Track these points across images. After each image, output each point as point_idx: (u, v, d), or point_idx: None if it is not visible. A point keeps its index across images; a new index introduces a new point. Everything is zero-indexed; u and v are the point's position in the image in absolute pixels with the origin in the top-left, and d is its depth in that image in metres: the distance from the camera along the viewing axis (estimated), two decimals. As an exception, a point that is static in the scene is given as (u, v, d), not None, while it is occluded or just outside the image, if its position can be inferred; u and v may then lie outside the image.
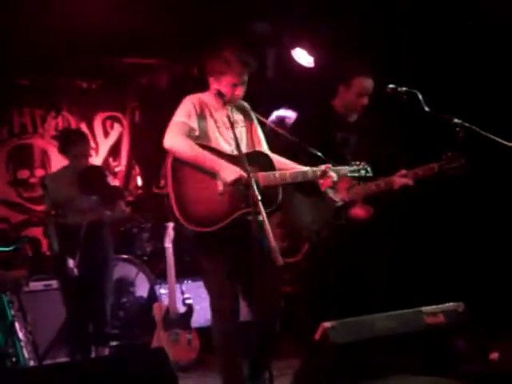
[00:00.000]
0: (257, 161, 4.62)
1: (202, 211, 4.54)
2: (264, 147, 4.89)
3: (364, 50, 6.39)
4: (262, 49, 7.83)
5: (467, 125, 4.44)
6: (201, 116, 4.70)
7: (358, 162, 4.90)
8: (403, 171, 5.29)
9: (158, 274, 7.59)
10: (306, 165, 4.80)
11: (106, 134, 9.16)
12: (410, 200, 6.05)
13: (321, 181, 4.74)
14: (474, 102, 6.00)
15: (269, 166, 4.66)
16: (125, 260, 7.47)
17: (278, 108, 6.39)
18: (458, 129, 4.47)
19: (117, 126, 9.21)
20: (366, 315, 4.00)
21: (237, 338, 4.71)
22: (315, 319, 3.95)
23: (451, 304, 4.18)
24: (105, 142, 9.10)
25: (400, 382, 3.77)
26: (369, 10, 6.67)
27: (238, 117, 4.84)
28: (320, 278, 5.47)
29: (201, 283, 5.08)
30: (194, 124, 4.64)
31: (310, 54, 7.35)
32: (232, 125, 4.64)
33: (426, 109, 4.56)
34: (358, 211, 5.34)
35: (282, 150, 4.93)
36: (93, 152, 8.73)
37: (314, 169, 4.73)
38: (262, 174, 4.57)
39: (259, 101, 5.22)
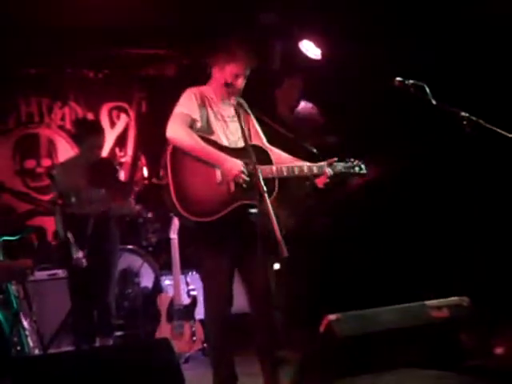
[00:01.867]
0: (255, 154, 4.58)
1: (200, 201, 4.60)
2: (263, 141, 4.97)
3: (372, 42, 6.39)
4: (268, 40, 7.82)
5: (474, 118, 4.42)
6: (202, 107, 4.76)
7: (352, 159, 4.91)
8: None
9: (162, 265, 7.60)
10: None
11: (113, 124, 9.16)
12: (416, 192, 6.08)
13: (318, 178, 4.80)
14: (479, 95, 5.98)
15: (266, 159, 4.72)
16: (130, 251, 7.47)
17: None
18: (465, 122, 4.45)
19: (123, 116, 9.21)
20: (371, 308, 4.01)
21: (229, 333, 4.78)
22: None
23: (456, 298, 4.18)
24: (111, 132, 9.09)
25: (404, 376, 3.77)
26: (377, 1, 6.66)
27: (235, 112, 4.83)
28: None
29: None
30: (196, 115, 4.70)
31: (318, 46, 7.32)
32: (239, 116, 4.69)
33: (434, 102, 4.54)
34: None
35: (281, 146, 5.00)
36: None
37: (311, 164, 4.79)
38: (260, 167, 4.54)
39: (264, 93, 5.23)
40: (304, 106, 6.36)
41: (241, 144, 4.75)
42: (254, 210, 4.66)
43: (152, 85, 9.14)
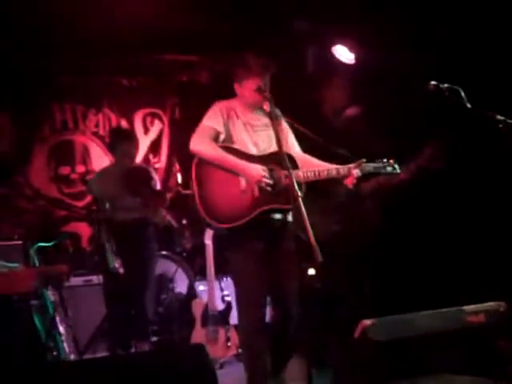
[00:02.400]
0: (279, 160, 4.71)
1: (224, 209, 4.74)
2: (295, 149, 5.09)
3: (405, 46, 6.36)
4: (301, 46, 7.81)
5: (510, 121, 4.38)
6: (227, 120, 4.91)
7: (384, 160, 4.93)
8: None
9: (197, 271, 7.62)
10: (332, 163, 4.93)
11: (147, 130, 9.20)
12: (453, 195, 6.04)
13: (346, 179, 4.86)
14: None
15: (291, 164, 4.72)
16: (164, 256, 7.50)
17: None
18: (501, 126, 4.41)
19: (157, 122, 9.26)
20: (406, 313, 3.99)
21: (263, 335, 4.85)
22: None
23: (493, 303, 4.14)
24: (145, 138, 9.14)
25: (440, 381, 3.74)
26: (409, 5, 6.62)
27: (267, 120, 4.98)
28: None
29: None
30: (220, 128, 4.87)
31: (351, 50, 7.30)
32: (273, 120, 4.79)
33: (468, 105, 4.51)
34: (384, 182, 5.46)
35: (311, 150, 5.10)
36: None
37: (338, 166, 4.86)
38: (284, 173, 4.70)
39: (298, 98, 5.25)
40: (354, 109, 6.36)
41: (270, 151, 4.90)
42: (278, 216, 4.85)
43: (185, 91, 9.18)
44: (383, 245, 5.48)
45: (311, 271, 6.81)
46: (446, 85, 4.64)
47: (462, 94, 4.53)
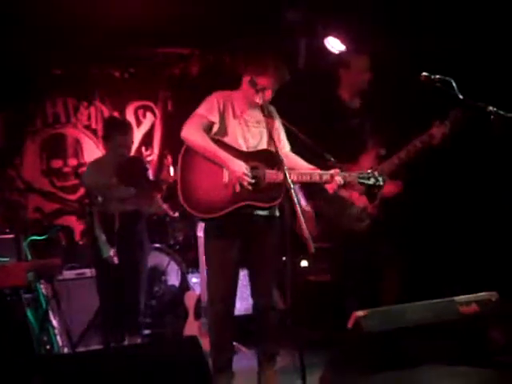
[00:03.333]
0: (266, 159, 4.87)
1: (204, 199, 4.85)
2: (285, 149, 5.17)
3: (397, 37, 6.37)
4: (294, 38, 7.80)
5: (502, 112, 4.38)
6: (223, 111, 4.97)
7: (369, 171, 4.93)
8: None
9: (189, 263, 7.62)
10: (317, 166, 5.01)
11: (139, 123, 9.19)
12: (443, 185, 6.05)
13: (327, 184, 4.90)
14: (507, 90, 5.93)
15: (277, 164, 4.78)
16: (157, 249, 7.49)
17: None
18: (492, 116, 4.42)
19: (149, 115, 9.25)
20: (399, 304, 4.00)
21: (229, 330, 5.02)
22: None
23: (485, 293, 4.15)
24: (137, 131, 9.11)
25: (433, 372, 3.75)
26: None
27: (262, 118, 5.02)
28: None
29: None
30: (214, 118, 4.93)
31: (343, 42, 7.29)
32: (267, 118, 4.91)
33: (460, 96, 4.51)
34: (389, 188, 5.43)
35: (299, 151, 5.18)
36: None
37: (321, 172, 4.89)
38: (268, 171, 4.82)
39: (290, 91, 5.23)
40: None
41: (259, 148, 5.00)
42: (262, 213, 4.93)
43: (177, 84, 9.16)
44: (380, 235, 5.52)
45: (304, 263, 6.84)
46: (437, 76, 4.64)
47: (454, 84, 4.53)
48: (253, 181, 4.79)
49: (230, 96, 5.05)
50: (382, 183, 4.87)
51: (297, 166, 4.99)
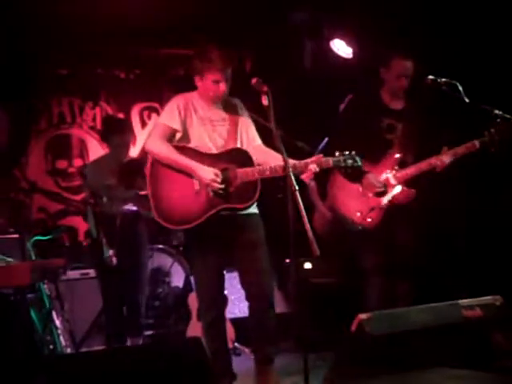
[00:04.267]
0: (236, 158, 4.78)
1: (178, 210, 4.77)
2: (255, 142, 5.04)
3: (404, 42, 6.35)
4: (300, 39, 7.81)
5: (508, 116, 4.38)
6: (185, 116, 4.89)
7: (345, 152, 4.75)
8: (444, 149, 5.31)
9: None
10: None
11: (144, 124, 9.18)
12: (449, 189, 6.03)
13: (302, 175, 4.71)
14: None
15: (247, 162, 4.76)
16: (160, 250, 7.48)
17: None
18: (498, 120, 4.42)
19: (154, 116, 9.24)
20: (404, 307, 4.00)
21: (223, 325, 4.99)
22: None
23: (489, 297, 4.15)
24: (142, 132, 9.11)
25: (436, 375, 3.75)
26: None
27: (226, 115, 4.97)
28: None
29: (235, 274, 5.13)
30: (176, 125, 4.85)
31: (349, 44, 7.29)
32: (232, 114, 4.91)
33: (466, 100, 4.51)
34: (400, 195, 5.41)
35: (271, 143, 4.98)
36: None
37: (295, 162, 4.67)
38: (240, 171, 4.71)
39: (297, 91, 5.22)
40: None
41: (228, 148, 4.88)
42: (239, 212, 4.81)
43: (182, 85, 9.12)
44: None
45: (308, 265, 6.83)
46: (443, 79, 4.64)
47: (460, 88, 4.53)
48: (222, 186, 4.69)
49: (191, 97, 4.99)
50: (359, 163, 4.71)
51: (269, 160, 4.83)
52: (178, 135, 4.87)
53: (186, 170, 4.73)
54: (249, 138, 5.01)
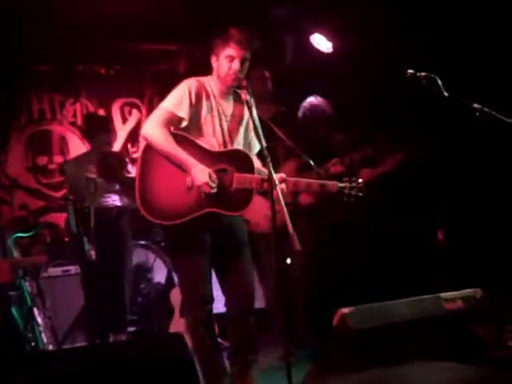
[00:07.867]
0: (236, 160, 4.50)
1: (165, 204, 4.45)
2: (253, 152, 4.78)
3: (385, 35, 6.38)
4: (280, 35, 7.81)
5: (487, 110, 4.40)
6: (196, 104, 4.54)
7: (353, 178, 4.75)
8: (334, 160, 5.38)
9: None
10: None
11: (125, 119, 9.15)
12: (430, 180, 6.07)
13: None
14: (491, 87, 5.96)
15: (247, 167, 4.50)
16: (142, 246, 7.47)
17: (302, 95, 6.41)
18: (477, 114, 4.43)
19: (135, 112, 9.21)
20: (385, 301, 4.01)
21: (209, 323, 4.67)
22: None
23: (469, 290, 4.18)
24: (123, 128, 9.09)
25: (418, 368, 3.76)
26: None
27: (234, 110, 4.70)
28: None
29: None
30: (183, 113, 4.50)
31: (329, 39, 7.29)
32: (237, 115, 4.67)
33: (446, 94, 4.52)
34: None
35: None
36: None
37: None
38: (236, 175, 4.45)
39: (279, 87, 5.22)
40: (314, 99, 6.30)
41: (230, 146, 4.63)
42: (231, 213, 4.53)
43: (164, 80, 9.10)
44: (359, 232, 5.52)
45: (288, 261, 6.83)
46: (422, 73, 4.65)
47: (439, 82, 4.54)
48: (215, 190, 4.38)
49: (206, 82, 4.62)
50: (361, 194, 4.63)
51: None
52: (184, 123, 4.50)
53: (182, 166, 4.40)
54: (253, 138, 4.75)
